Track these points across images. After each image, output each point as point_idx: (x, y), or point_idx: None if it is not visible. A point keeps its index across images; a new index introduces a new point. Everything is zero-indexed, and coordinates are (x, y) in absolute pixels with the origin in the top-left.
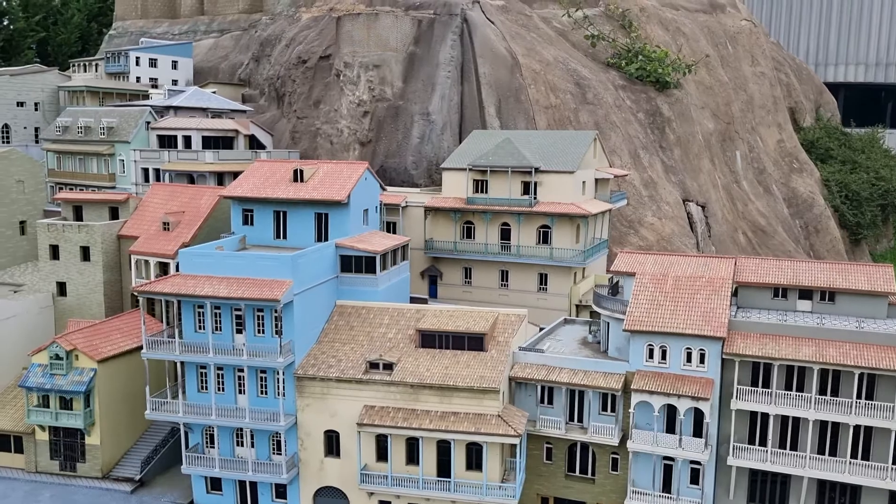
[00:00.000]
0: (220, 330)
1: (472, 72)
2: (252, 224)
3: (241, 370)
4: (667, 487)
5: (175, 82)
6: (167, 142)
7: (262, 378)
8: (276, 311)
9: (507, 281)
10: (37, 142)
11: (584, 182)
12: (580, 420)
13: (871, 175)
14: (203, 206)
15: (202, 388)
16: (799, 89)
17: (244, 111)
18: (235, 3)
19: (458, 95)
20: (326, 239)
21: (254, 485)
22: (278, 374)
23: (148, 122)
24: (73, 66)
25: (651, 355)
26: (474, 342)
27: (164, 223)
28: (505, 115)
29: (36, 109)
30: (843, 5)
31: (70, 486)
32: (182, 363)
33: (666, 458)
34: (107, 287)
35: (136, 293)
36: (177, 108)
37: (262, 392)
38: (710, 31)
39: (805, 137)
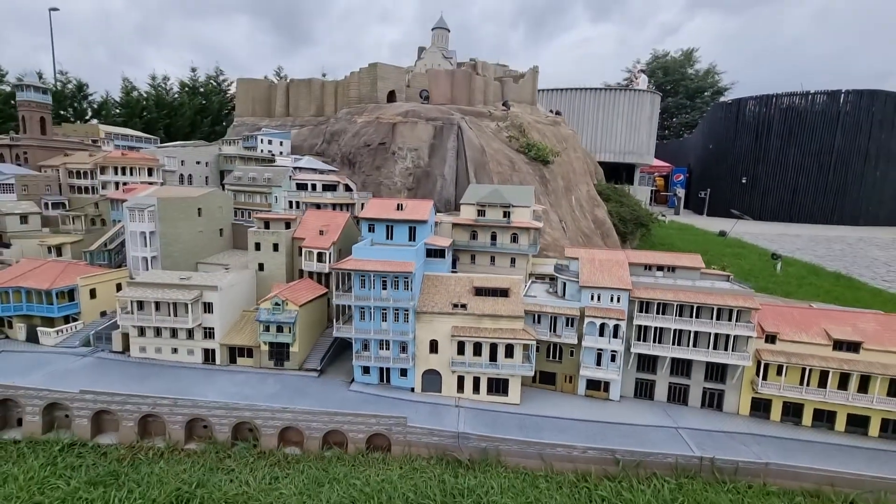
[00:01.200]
0: (374, 288)
1: (462, 153)
2: (373, 231)
3: (385, 309)
4: (599, 364)
5: (281, 153)
6: (302, 186)
7: (396, 313)
8: (406, 278)
9: (494, 262)
10: (206, 183)
11: (532, 211)
12: (555, 331)
13: (628, 208)
14: (340, 222)
15: (361, 318)
16: (591, 164)
17: (333, 170)
18: (308, 110)
19: (455, 165)
20: (415, 240)
21: (388, 370)
22: (407, 310)
23: (290, 175)
24: (222, 142)
25: (592, 298)
26: (503, 293)
27: (320, 231)
28: (479, 176)
29: (206, 166)
30: (603, 122)
31: (281, 375)
32: (351, 306)
33: (599, 349)
34: (286, 266)
35: (332, 269)
36: (301, 168)
37: (395, 320)
38: (556, 134)
39: (597, 188)
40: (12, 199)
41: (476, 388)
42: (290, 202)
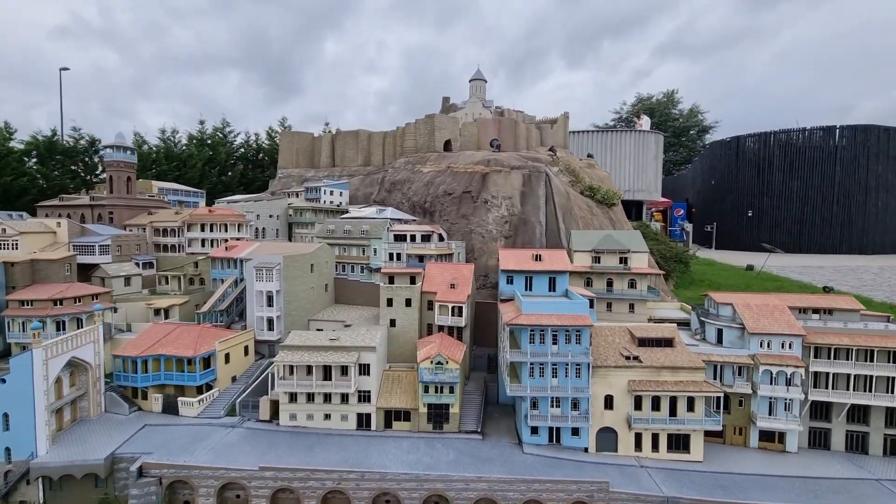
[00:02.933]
0: (544, 342)
1: (551, 199)
2: (511, 283)
3: (555, 365)
4: (771, 414)
5: (341, 203)
6: (400, 238)
7: (566, 368)
8: (578, 332)
9: (610, 309)
10: (277, 236)
11: (646, 256)
12: (721, 380)
13: (664, 245)
14: (467, 275)
15: (531, 375)
16: None
17: (414, 220)
18: (355, 160)
19: (546, 211)
20: (555, 290)
21: (559, 430)
22: (579, 366)
23: (388, 227)
24: (286, 194)
25: (762, 345)
26: (668, 342)
27: (451, 284)
28: (567, 221)
29: (277, 219)
30: (611, 162)
31: (444, 438)
32: (520, 363)
33: (773, 397)
34: (419, 322)
35: (508, 325)
36: (391, 220)
37: (565, 375)
38: (594, 176)
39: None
40: (108, 260)
41: (655, 446)
42: (391, 254)
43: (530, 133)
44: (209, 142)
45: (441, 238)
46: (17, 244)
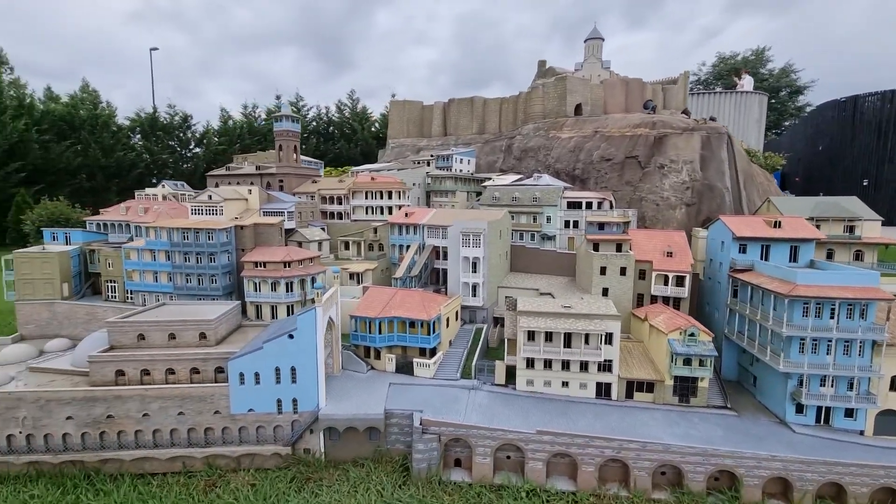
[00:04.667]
0: (820, 316)
1: (732, 163)
2: (744, 252)
3: (830, 340)
4: None
5: (470, 172)
6: (573, 205)
7: (847, 344)
8: (863, 306)
9: None
10: (418, 204)
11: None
12: None
13: None
14: (681, 242)
15: (801, 351)
16: None
17: (569, 187)
18: (470, 128)
19: (729, 176)
20: (797, 261)
21: (828, 409)
22: (862, 343)
23: (561, 195)
24: (415, 163)
25: None
26: None
27: (668, 252)
28: (748, 188)
29: (418, 187)
30: None
31: (695, 412)
32: (790, 338)
33: None
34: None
35: (786, 295)
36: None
37: (845, 353)
38: None
39: None
40: (292, 226)
41: None
42: (567, 221)
43: (656, 95)
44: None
45: (611, 205)
46: (221, 210)
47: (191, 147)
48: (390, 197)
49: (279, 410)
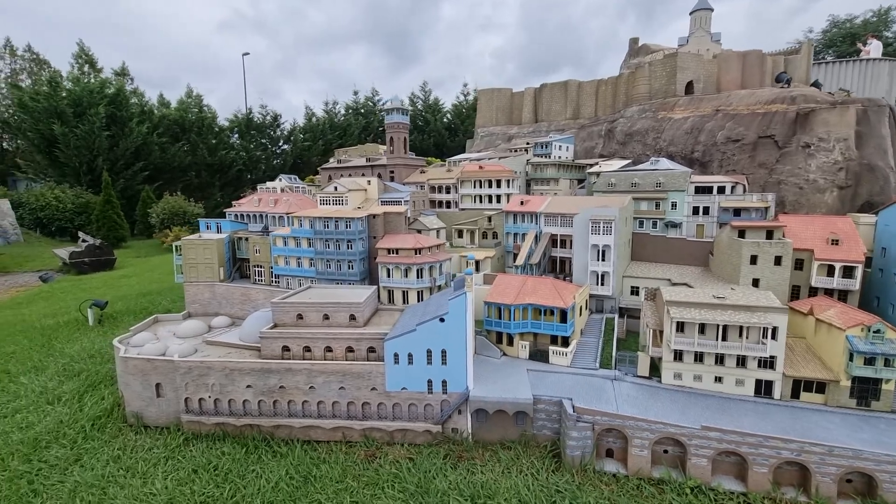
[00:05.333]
0: None
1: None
2: None
3: None
4: None
5: (567, 158)
6: (702, 190)
7: None
8: None
9: None
10: (519, 191)
11: None
12: None
13: None
14: (848, 230)
15: None
16: None
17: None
18: (563, 113)
19: (893, 153)
20: None
21: None
22: None
23: (688, 179)
24: (512, 150)
25: None
26: None
27: (833, 240)
28: None
29: (520, 175)
30: None
31: (880, 417)
32: None
33: None
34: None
35: None
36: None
37: None
38: None
39: None
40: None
41: None
42: (695, 208)
43: (777, 68)
44: (362, 111)
45: (744, 189)
46: (347, 200)
47: (279, 144)
48: (498, 185)
49: (430, 390)
